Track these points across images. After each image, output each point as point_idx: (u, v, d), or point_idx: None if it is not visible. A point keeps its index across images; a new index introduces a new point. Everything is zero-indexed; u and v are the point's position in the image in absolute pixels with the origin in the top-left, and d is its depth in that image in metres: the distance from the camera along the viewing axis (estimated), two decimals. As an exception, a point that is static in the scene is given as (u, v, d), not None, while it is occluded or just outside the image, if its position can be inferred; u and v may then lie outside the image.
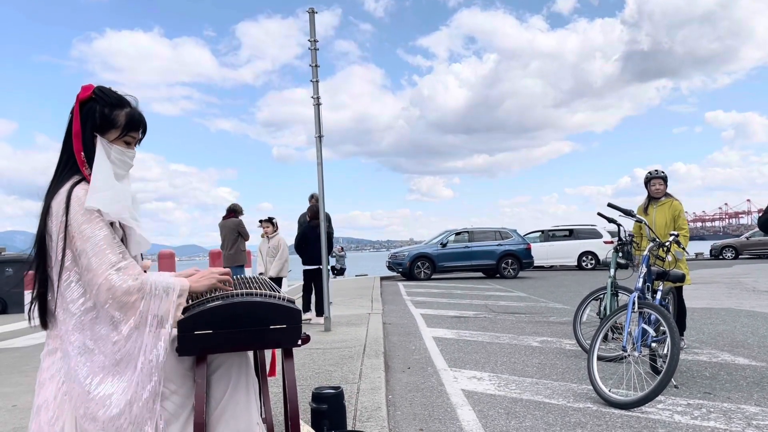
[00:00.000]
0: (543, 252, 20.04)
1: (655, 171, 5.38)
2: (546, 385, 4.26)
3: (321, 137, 6.98)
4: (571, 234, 20.45)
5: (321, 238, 7.17)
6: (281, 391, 3.89)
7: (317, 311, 7.86)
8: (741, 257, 24.07)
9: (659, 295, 4.43)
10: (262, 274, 8.40)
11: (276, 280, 8.30)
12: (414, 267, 17.29)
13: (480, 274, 18.53)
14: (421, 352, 5.76)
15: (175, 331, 1.76)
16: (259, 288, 1.98)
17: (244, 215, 9.46)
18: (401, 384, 4.47)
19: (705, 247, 28.31)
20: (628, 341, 3.93)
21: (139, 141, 1.93)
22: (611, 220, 5.41)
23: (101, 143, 1.81)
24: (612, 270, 5.32)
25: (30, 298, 1.77)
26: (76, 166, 1.78)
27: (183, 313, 1.77)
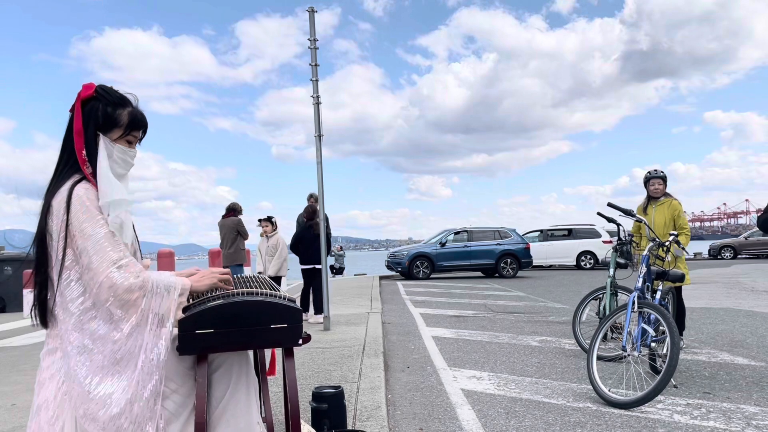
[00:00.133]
0: (542, 251, 20.06)
1: (655, 171, 5.37)
2: (545, 385, 4.26)
3: (321, 136, 6.97)
4: (570, 234, 20.47)
5: (321, 237, 7.17)
6: (281, 391, 3.89)
7: (315, 309, 7.90)
8: (739, 257, 24.11)
9: (659, 295, 4.43)
10: (261, 273, 8.40)
11: (275, 279, 8.31)
12: (413, 266, 17.30)
13: (479, 273, 18.54)
14: (421, 351, 5.76)
15: (176, 330, 1.76)
16: (260, 287, 1.98)
17: (243, 214, 9.46)
18: (401, 383, 4.47)
19: (703, 247, 28.34)
20: (627, 341, 3.93)
21: (140, 140, 1.92)
22: (611, 219, 5.41)
23: (104, 142, 1.80)
24: (611, 270, 5.32)
25: (29, 296, 1.77)
26: (76, 164, 1.78)
27: (183, 312, 1.77)
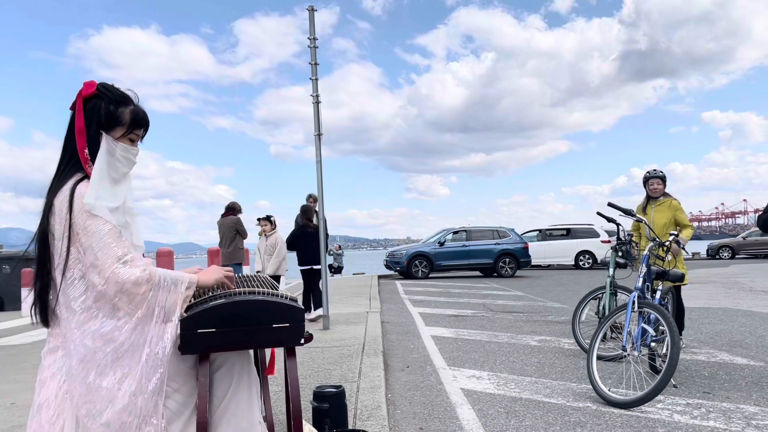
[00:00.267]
0: (540, 251, 20.06)
1: (654, 171, 5.38)
2: (545, 385, 4.26)
3: (320, 135, 6.97)
4: (569, 233, 20.48)
5: (320, 236, 7.16)
6: (281, 390, 3.89)
7: (314, 306, 7.95)
8: (738, 257, 24.15)
9: (659, 295, 4.44)
10: (259, 272, 8.40)
11: (273, 277, 8.32)
12: (412, 266, 17.29)
13: (477, 273, 18.54)
14: (420, 350, 5.76)
15: (179, 329, 1.76)
16: (261, 287, 1.97)
17: (242, 213, 9.46)
18: (400, 383, 4.46)
19: (702, 247, 28.38)
20: (627, 341, 3.94)
21: (142, 138, 1.92)
22: (611, 219, 5.41)
23: (106, 141, 1.79)
24: (611, 269, 5.33)
25: (29, 295, 1.76)
26: (78, 163, 1.77)
27: (185, 312, 1.77)
